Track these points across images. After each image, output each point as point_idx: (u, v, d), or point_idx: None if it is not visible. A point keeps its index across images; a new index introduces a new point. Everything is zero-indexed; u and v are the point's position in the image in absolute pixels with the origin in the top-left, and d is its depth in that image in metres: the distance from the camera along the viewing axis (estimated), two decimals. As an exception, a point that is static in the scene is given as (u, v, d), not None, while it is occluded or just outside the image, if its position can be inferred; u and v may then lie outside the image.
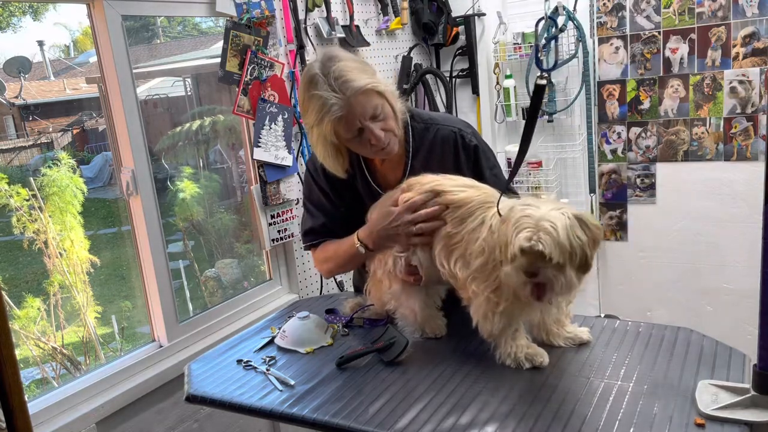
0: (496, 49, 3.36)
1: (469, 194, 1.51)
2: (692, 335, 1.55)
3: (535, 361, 1.46)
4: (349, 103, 1.55)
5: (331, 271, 1.85)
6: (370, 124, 1.59)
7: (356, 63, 1.60)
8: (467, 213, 1.48)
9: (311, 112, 1.59)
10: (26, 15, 3.06)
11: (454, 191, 1.52)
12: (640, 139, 3.23)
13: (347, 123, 1.58)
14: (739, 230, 3.08)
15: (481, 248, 1.42)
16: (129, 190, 2.13)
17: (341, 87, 1.55)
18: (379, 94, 1.59)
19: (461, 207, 1.49)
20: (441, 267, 1.52)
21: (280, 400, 1.45)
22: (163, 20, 3.90)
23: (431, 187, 1.54)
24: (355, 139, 1.61)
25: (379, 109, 1.59)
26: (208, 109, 3.31)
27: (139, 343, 2.39)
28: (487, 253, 1.41)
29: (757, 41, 2.88)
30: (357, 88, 1.55)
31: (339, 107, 1.55)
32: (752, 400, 1.20)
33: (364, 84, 1.55)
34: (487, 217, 1.44)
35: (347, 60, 1.59)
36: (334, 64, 1.56)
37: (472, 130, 1.78)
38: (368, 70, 1.61)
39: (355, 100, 1.55)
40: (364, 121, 1.58)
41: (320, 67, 1.57)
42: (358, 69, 1.58)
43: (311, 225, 1.85)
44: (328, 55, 1.60)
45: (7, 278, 2.74)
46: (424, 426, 1.28)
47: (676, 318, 3.24)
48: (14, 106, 3.41)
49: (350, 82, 1.55)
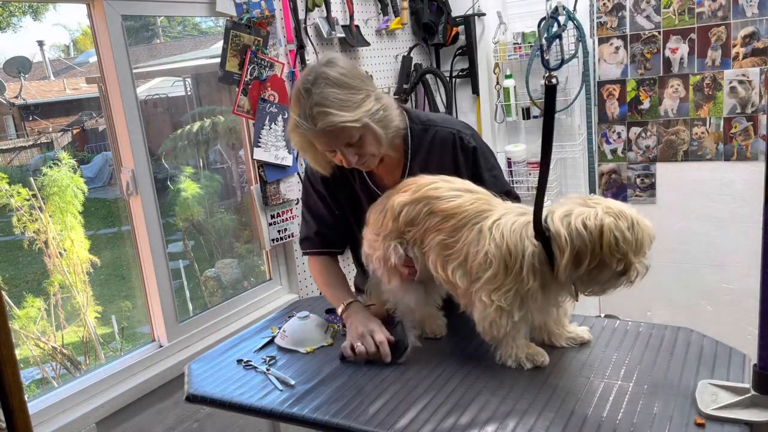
0: (496, 49, 3.36)
1: (464, 200, 1.49)
2: (692, 335, 1.55)
3: (537, 361, 1.46)
4: (319, 135, 1.54)
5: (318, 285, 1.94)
6: (344, 149, 1.57)
7: (344, 91, 1.52)
8: (462, 223, 1.47)
9: (290, 120, 1.59)
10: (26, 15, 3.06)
11: (449, 197, 1.50)
12: (640, 139, 3.23)
13: (318, 143, 1.58)
14: (739, 230, 3.08)
15: (488, 260, 1.41)
16: (129, 190, 2.13)
17: (316, 116, 1.50)
18: (357, 128, 1.54)
19: (455, 216, 1.48)
20: (435, 273, 1.52)
21: (280, 400, 1.45)
22: (163, 20, 3.91)
23: (425, 192, 1.53)
24: (329, 153, 1.61)
25: (355, 139, 1.55)
26: (208, 109, 3.31)
27: (139, 343, 2.39)
28: (496, 265, 1.40)
29: (757, 41, 2.88)
30: (329, 123, 1.50)
31: (311, 134, 1.54)
32: (752, 400, 1.20)
33: (339, 121, 1.50)
34: (485, 228, 1.44)
35: (336, 83, 1.52)
36: (319, 88, 1.50)
37: (471, 132, 1.77)
38: (354, 100, 1.52)
39: (326, 133, 1.52)
40: (336, 146, 1.57)
41: (311, 81, 1.52)
42: (344, 98, 1.51)
43: (306, 233, 1.88)
44: (318, 72, 1.53)
45: (8, 278, 2.75)
46: (424, 426, 1.28)
47: (676, 318, 3.24)
48: (14, 106, 3.41)
49: (325, 116, 1.50)
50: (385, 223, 1.58)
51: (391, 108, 1.63)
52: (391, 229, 1.57)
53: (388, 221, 1.57)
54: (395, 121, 1.64)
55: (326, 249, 1.88)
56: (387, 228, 1.58)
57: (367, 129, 1.55)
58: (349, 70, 1.56)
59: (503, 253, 1.39)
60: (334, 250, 1.89)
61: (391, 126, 1.62)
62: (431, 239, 1.50)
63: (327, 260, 1.88)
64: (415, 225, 1.52)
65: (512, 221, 1.42)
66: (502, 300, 1.40)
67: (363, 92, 1.55)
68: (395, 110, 1.65)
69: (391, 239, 1.58)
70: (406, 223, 1.54)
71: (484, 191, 1.53)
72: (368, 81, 1.60)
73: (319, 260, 1.88)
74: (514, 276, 1.39)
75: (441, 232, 1.49)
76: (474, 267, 1.44)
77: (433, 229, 1.50)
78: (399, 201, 1.55)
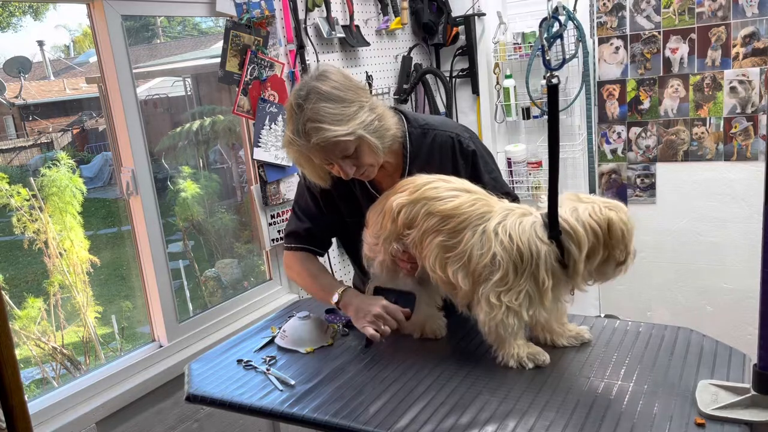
0: (496, 49, 3.36)
1: (463, 200, 1.49)
2: (692, 335, 1.55)
3: (538, 360, 1.47)
4: (314, 150, 1.53)
5: (295, 282, 1.91)
6: (340, 162, 1.57)
7: (336, 105, 1.51)
8: (463, 224, 1.47)
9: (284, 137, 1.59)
10: (26, 15, 3.06)
11: (447, 197, 1.50)
12: (640, 139, 3.23)
13: (315, 158, 1.58)
14: (739, 230, 3.08)
15: (497, 262, 1.41)
16: (129, 190, 2.13)
17: (309, 132, 1.50)
18: (351, 141, 1.53)
19: (454, 217, 1.48)
20: (434, 274, 1.52)
21: (280, 400, 1.45)
22: (163, 20, 3.91)
23: (423, 193, 1.53)
24: (327, 165, 1.61)
25: (351, 151, 1.55)
26: (208, 109, 3.31)
27: (139, 343, 2.39)
28: (505, 266, 1.40)
29: (757, 41, 2.88)
30: (323, 139, 1.50)
31: (306, 150, 1.54)
32: (752, 400, 1.20)
33: (332, 136, 1.49)
34: (489, 230, 1.44)
35: (329, 98, 1.51)
36: (311, 103, 1.50)
37: (469, 135, 1.76)
38: (347, 113, 1.52)
39: (320, 148, 1.52)
40: (333, 159, 1.57)
41: (303, 97, 1.51)
42: (336, 112, 1.50)
43: (294, 228, 1.87)
44: (310, 86, 1.53)
45: (8, 278, 2.75)
46: (424, 426, 1.28)
47: (676, 318, 3.24)
48: (14, 106, 3.41)
49: (318, 131, 1.49)
50: (384, 224, 1.58)
51: (386, 117, 1.62)
52: (390, 231, 1.57)
53: (386, 223, 1.57)
54: (391, 129, 1.63)
55: (311, 246, 1.87)
56: (386, 230, 1.58)
57: (362, 140, 1.55)
58: (341, 83, 1.55)
59: (513, 256, 1.40)
60: (317, 250, 1.89)
61: (387, 135, 1.61)
62: (430, 241, 1.50)
63: (309, 255, 1.88)
64: (414, 227, 1.52)
65: (518, 222, 1.43)
66: (513, 301, 1.41)
67: (356, 104, 1.54)
68: (391, 118, 1.65)
69: (390, 242, 1.58)
70: (404, 224, 1.54)
71: (482, 191, 1.53)
72: (362, 92, 1.58)
73: (300, 255, 1.87)
74: (527, 277, 1.40)
75: (440, 234, 1.48)
76: (479, 269, 1.44)
77: (431, 231, 1.50)
78: (397, 202, 1.54)
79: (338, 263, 2.76)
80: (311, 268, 1.84)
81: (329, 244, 1.95)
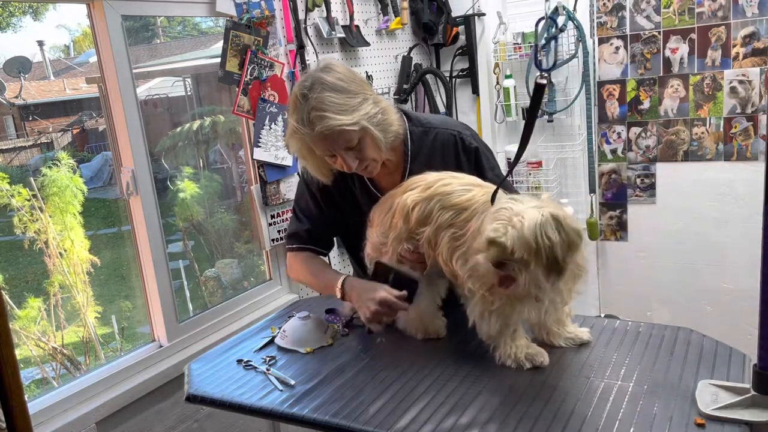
0: (496, 49, 3.36)
1: (475, 193, 1.49)
2: (692, 335, 1.55)
3: (536, 361, 1.46)
4: (317, 139, 1.53)
5: (299, 282, 1.92)
6: (343, 153, 1.57)
7: (341, 95, 1.52)
8: (472, 214, 1.47)
9: (288, 127, 1.59)
10: (26, 15, 3.06)
11: (460, 192, 1.51)
12: (640, 139, 3.23)
13: (317, 148, 1.58)
14: (739, 230, 3.08)
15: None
16: (129, 190, 2.13)
17: (313, 120, 1.50)
18: (355, 132, 1.53)
19: (467, 209, 1.48)
20: (445, 267, 1.52)
21: (280, 400, 1.45)
22: (163, 20, 3.91)
23: (436, 189, 1.52)
24: (329, 158, 1.61)
25: (354, 142, 1.55)
26: (208, 109, 3.31)
27: (139, 343, 2.39)
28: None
29: (757, 41, 2.88)
30: (327, 127, 1.50)
31: (309, 139, 1.54)
32: (752, 400, 1.20)
33: (336, 125, 1.50)
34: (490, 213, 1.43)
35: (334, 88, 1.52)
36: (316, 93, 1.50)
37: (471, 132, 1.77)
38: (351, 104, 1.52)
39: (324, 136, 1.52)
40: (336, 150, 1.57)
41: (308, 87, 1.52)
42: (341, 102, 1.51)
43: (295, 229, 1.88)
44: (315, 77, 1.54)
45: (8, 278, 2.75)
46: (424, 426, 1.28)
47: (676, 318, 3.24)
48: (14, 106, 3.41)
49: (323, 120, 1.50)
50: (394, 223, 1.57)
51: (389, 112, 1.63)
52: (401, 230, 1.56)
53: (397, 221, 1.56)
54: (394, 125, 1.63)
55: (313, 247, 1.88)
56: (397, 228, 1.56)
57: (366, 132, 1.55)
58: (346, 75, 1.56)
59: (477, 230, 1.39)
60: (319, 250, 1.89)
61: (389, 130, 1.62)
62: (443, 235, 1.49)
63: (311, 255, 1.88)
64: (428, 223, 1.52)
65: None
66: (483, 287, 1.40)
67: (360, 96, 1.55)
68: (394, 114, 1.65)
69: (401, 240, 1.57)
70: (419, 222, 1.52)
71: (492, 186, 1.53)
72: (366, 85, 1.60)
73: (302, 255, 1.87)
74: None
75: (453, 226, 1.49)
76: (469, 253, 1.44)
77: (445, 225, 1.49)
78: (411, 199, 1.53)
79: (338, 263, 2.76)
80: (313, 267, 1.85)
81: (331, 244, 1.94)
